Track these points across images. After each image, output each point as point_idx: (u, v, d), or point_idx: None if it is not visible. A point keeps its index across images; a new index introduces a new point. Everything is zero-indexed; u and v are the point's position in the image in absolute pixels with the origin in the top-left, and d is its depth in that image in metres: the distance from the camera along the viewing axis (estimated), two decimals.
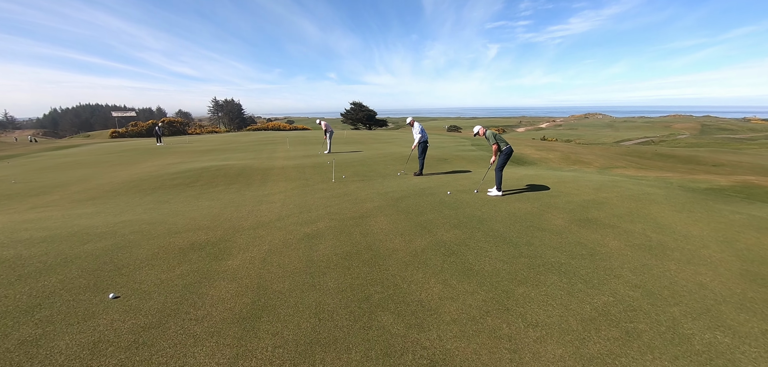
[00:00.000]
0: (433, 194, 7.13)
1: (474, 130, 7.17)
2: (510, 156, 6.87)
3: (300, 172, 10.45)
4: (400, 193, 7.30)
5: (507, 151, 6.81)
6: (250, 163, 12.62)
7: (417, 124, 9.68)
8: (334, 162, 11.89)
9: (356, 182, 8.82)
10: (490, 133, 6.92)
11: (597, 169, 12.67)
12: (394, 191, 7.48)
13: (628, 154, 25.10)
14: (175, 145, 23.18)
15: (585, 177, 9.03)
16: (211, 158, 15.17)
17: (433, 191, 7.33)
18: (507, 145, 6.84)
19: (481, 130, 7.10)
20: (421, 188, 7.80)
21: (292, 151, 16.35)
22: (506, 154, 6.81)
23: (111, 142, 32.30)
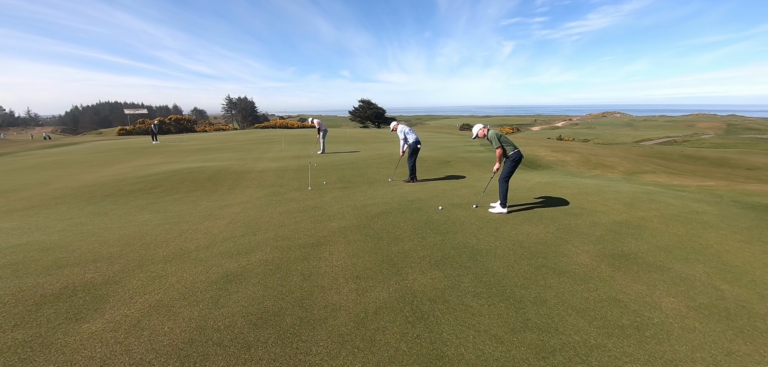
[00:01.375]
0: (421, 209, 5.74)
1: (473, 130, 5.74)
2: (518, 163, 5.43)
3: (278, 177, 9.19)
4: (380, 206, 5.94)
5: (515, 157, 5.38)
6: (231, 165, 11.44)
7: (401, 127, 8.33)
8: (311, 166, 10.59)
9: (335, 191, 7.49)
10: (494, 133, 5.49)
11: (622, 174, 11.01)
12: (375, 204, 6.12)
13: (653, 155, 23.06)
14: (170, 144, 22.35)
15: (611, 186, 7.46)
16: (196, 159, 14.11)
17: (422, 205, 5.94)
18: (515, 149, 5.41)
19: (482, 130, 5.67)
20: (408, 199, 6.42)
21: (284, 151, 15.16)
22: (513, 160, 5.37)
23: (111, 140, 31.92)
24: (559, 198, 6.35)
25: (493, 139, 5.44)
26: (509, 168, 5.39)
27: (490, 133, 5.51)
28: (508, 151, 5.39)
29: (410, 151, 8.14)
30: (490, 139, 5.49)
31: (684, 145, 61.90)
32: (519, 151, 5.41)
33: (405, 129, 8.19)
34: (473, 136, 5.76)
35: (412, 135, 8.13)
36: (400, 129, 8.25)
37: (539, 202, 6.12)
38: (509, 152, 5.39)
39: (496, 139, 5.41)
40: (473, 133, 5.70)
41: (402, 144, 8.26)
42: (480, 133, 5.64)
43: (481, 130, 5.64)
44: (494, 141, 5.42)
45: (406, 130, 8.15)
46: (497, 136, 5.43)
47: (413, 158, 8.22)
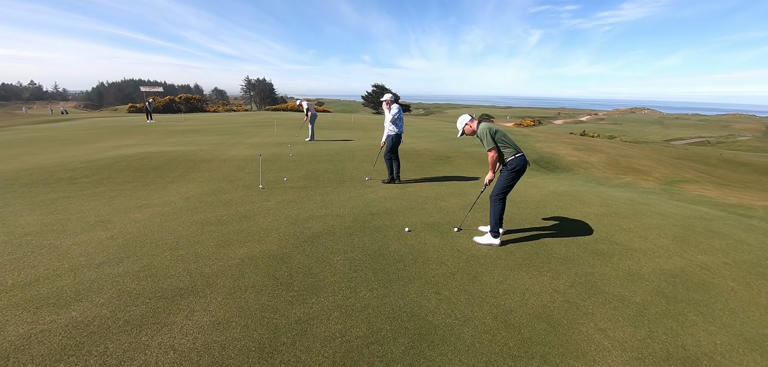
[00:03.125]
0: (381, 229, 4.15)
1: (458, 124, 4.03)
2: (520, 174, 3.73)
3: (237, 169, 7.74)
4: (327, 222, 4.38)
5: (515, 164, 3.68)
6: (201, 150, 10.10)
7: (395, 106, 6.55)
8: (258, 159, 9.09)
9: (290, 192, 5.97)
10: (485, 128, 3.77)
11: (659, 183, 9.02)
12: (322, 217, 4.57)
13: (688, 158, 20.47)
14: (162, 124, 21.36)
15: (650, 204, 5.62)
16: (171, 141, 12.89)
17: (385, 224, 4.34)
18: (517, 153, 3.70)
19: (469, 124, 3.96)
20: (372, 211, 4.83)
21: (272, 137, 13.74)
22: (513, 170, 3.68)
23: (115, 118, 31.46)
24: (579, 222, 4.61)
25: (485, 137, 3.72)
26: (506, 181, 3.70)
27: (481, 128, 3.79)
28: (506, 156, 3.69)
29: (389, 145, 6.49)
30: (481, 136, 3.77)
31: (718, 146, 57.20)
32: (522, 155, 3.70)
33: (396, 110, 6.45)
34: (459, 134, 4.04)
35: (399, 124, 6.44)
36: (395, 108, 6.47)
37: (550, 226, 4.41)
38: (507, 157, 3.69)
39: (488, 136, 3.70)
40: (458, 129, 4.01)
41: (386, 128, 6.54)
42: (466, 129, 3.92)
43: (467, 125, 3.92)
44: (486, 139, 3.71)
45: (395, 113, 6.43)
46: (490, 132, 3.71)
47: (391, 155, 6.57)
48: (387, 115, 6.51)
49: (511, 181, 3.69)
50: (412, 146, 11.03)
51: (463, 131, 3.95)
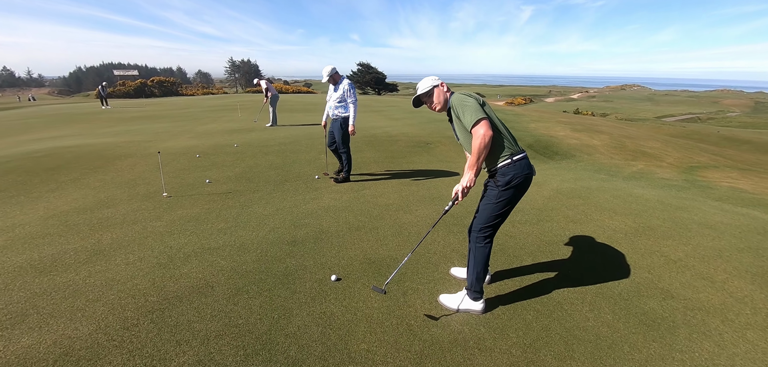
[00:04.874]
0: (293, 278, 2.58)
1: (419, 88, 2.23)
2: (523, 191, 2.06)
3: (155, 169, 6.07)
4: (214, 267, 2.78)
5: (515, 174, 1.99)
6: (130, 141, 8.32)
7: (345, 82, 4.83)
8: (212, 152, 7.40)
9: (206, 201, 4.35)
10: (459, 98, 2.06)
11: (677, 170, 7.61)
12: (217, 251, 2.98)
13: (686, 136, 19.24)
14: (117, 110, 19.19)
15: (688, 207, 4.15)
16: (112, 130, 11.04)
17: (302, 267, 2.76)
18: (518, 152, 2.03)
19: (437, 93, 2.18)
20: (297, 237, 3.25)
21: (229, 123, 11.94)
22: (511, 185, 1.99)
23: (74, 104, 28.92)
24: (604, 248, 3.11)
25: (464, 107, 2.01)
26: (500, 206, 2.04)
27: (454, 98, 2.11)
28: (499, 156, 2.02)
29: (339, 134, 4.88)
30: (457, 106, 2.06)
31: (709, 123, 56.69)
32: (526, 158, 2.05)
33: (346, 87, 4.79)
34: (415, 102, 2.31)
35: (342, 109, 4.82)
36: (346, 84, 4.80)
37: (562, 261, 2.90)
38: (501, 159, 2.01)
39: (468, 108, 1.99)
40: (418, 92, 2.23)
41: (328, 106, 5.00)
42: (435, 103, 2.19)
43: (436, 97, 2.18)
44: (467, 110, 1.99)
45: (347, 90, 4.78)
46: (471, 102, 2.01)
47: (343, 146, 4.97)
48: (331, 94, 4.87)
49: (507, 205, 2.04)
50: (386, 131, 9.40)
51: (421, 101, 2.24)
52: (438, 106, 2.18)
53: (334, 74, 4.77)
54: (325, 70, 4.75)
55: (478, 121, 1.90)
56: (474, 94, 2.05)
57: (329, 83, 4.82)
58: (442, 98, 2.16)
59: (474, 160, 1.91)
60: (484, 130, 1.87)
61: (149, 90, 45.30)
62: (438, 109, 2.18)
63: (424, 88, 2.18)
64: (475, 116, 1.92)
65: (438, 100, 2.17)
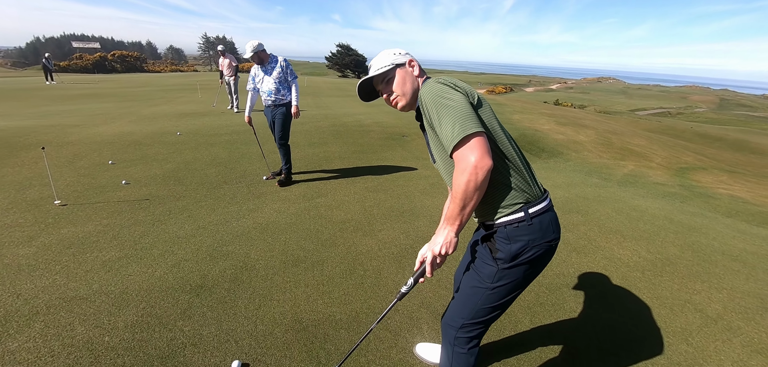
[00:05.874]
0: (180, 361, 1.67)
1: (372, 66, 1.30)
2: (542, 268, 1.20)
3: (68, 163, 4.92)
4: (55, 343, 1.83)
5: (532, 241, 1.11)
6: (54, 125, 6.99)
7: (281, 60, 3.87)
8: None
9: (109, 213, 3.32)
10: (435, 91, 1.09)
11: (668, 172, 7.11)
12: (83, 301, 2.01)
13: (662, 131, 19.32)
14: (62, 86, 17.15)
15: (700, 228, 3.51)
16: (45, 109, 9.55)
17: (200, 337, 1.85)
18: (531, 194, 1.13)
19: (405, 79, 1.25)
20: (208, 278, 2.31)
21: (184, 105, 10.61)
22: (523, 258, 1.12)
23: (19, 77, 26.04)
24: (616, 290, 2.38)
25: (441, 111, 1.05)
26: (501, 290, 1.15)
27: (426, 89, 1.12)
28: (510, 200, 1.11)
29: (281, 118, 3.93)
30: (429, 106, 1.10)
31: (679, 117, 58.81)
32: (549, 209, 1.17)
33: (284, 65, 3.81)
34: (368, 96, 1.36)
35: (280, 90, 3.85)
36: (281, 62, 3.82)
37: (564, 312, 2.14)
38: (508, 208, 1.11)
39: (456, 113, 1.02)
40: (370, 73, 1.29)
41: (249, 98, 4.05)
42: (396, 94, 1.26)
43: (398, 84, 1.24)
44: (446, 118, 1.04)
45: (284, 68, 3.80)
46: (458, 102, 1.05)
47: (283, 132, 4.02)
48: (258, 77, 3.87)
49: (513, 291, 1.18)
50: (358, 119, 8.45)
51: (373, 88, 1.34)
52: (401, 101, 1.25)
53: (262, 52, 3.75)
54: (250, 46, 3.67)
55: (466, 137, 0.99)
56: (461, 84, 1.12)
57: (253, 62, 3.78)
58: (410, 87, 1.24)
59: (456, 209, 1.02)
60: (477, 158, 0.97)
61: (110, 65, 41.84)
62: (401, 104, 1.26)
63: (380, 66, 1.26)
64: (460, 126, 1.00)
65: (401, 89, 1.24)
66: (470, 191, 0.99)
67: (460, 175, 0.99)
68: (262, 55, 3.74)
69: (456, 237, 1.07)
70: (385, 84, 1.27)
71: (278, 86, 3.77)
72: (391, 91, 1.26)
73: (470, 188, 0.98)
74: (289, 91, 3.86)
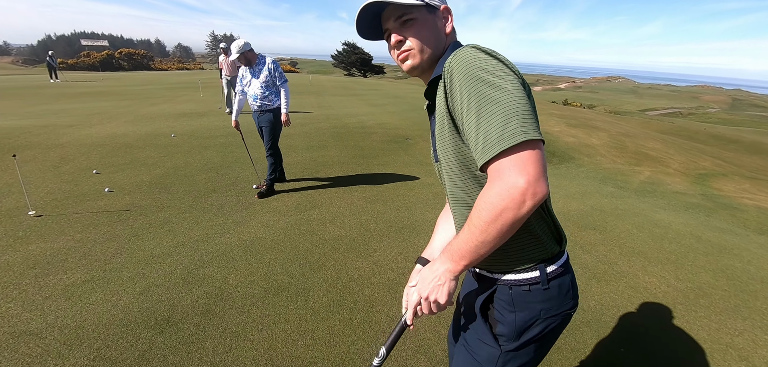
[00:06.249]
0: None
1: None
2: (553, 342, 0.89)
3: (53, 168, 4.72)
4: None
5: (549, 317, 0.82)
6: (48, 125, 6.82)
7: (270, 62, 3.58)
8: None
9: (84, 226, 3.07)
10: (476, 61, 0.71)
11: (686, 179, 6.71)
12: (33, 336, 1.74)
13: (675, 132, 18.75)
14: (67, 84, 17.13)
15: (732, 248, 3.17)
16: (44, 108, 9.41)
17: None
18: (551, 252, 0.82)
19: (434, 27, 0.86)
20: (178, 307, 2.03)
21: (183, 105, 10.41)
22: (534, 338, 0.82)
23: (27, 75, 26.21)
24: (646, 331, 2.05)
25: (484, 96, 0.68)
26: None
27: (462, 56, 0.73)
28: (526, 252, 0.81)
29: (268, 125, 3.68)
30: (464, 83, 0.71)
31: (690, 118, 57.60)
32: (567, 271, 0.85)
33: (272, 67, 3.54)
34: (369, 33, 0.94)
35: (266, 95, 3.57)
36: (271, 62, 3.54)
37: (587, 360, 1.83)
38: (523, 264, 0.81)
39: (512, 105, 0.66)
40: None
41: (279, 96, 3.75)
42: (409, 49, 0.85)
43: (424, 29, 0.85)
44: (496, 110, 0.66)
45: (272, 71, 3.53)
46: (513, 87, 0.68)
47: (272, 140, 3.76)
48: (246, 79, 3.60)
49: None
50: (361, 120, 8.16)
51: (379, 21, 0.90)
52: (415, 58, 0.86)
53: (249, 52, 3.46)
54: (236, 46, 3.38)
55: (522, 144, 0.64)
56: (508, 61, 0.74)
57: (238, 64, 3.51)
58: (433, 43, 0.86)
59: (470, 243, 0.71)
60: (531, 178, 0.64)
61: (117, 62, 42.08)
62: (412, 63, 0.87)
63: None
64: (518, 125, 0.65)
65: (422, 42, 0.85)
66: (504, 225, 0.66)
67: (496, 196, 0.66)
68: (250, 56, 3.47)
69: (455, 281, 0.76)
70: (401, 24, 0.85)
71: (265, 91, 3.49)
72: (405, 36, 0.85)
73: (506, 220, 0.65)
74: (277, 95, 3.58)
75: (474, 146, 0.70)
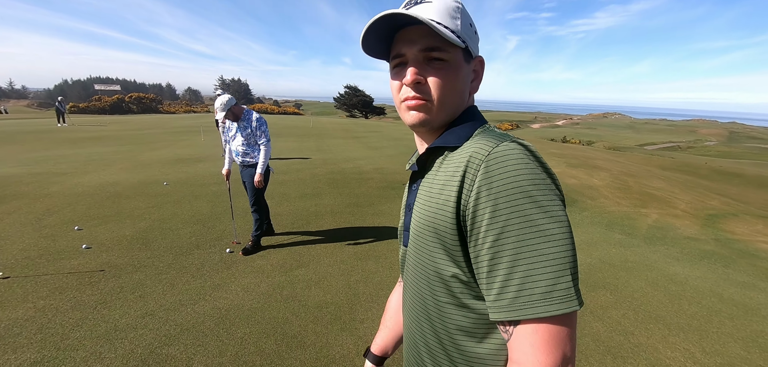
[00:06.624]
0: None
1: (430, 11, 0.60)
2: None
3: (36, 220, 4.54)
4: None
5: None
6: (41, 173, 6.74)
7: (254, 117, 3.44)
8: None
9: (50, 292, 2.82)
10: (541, 179, 0.53)
11: (696, 221, 6.43)
12: None
13: (677, 168, 18.59)
14: (72, 129, 17.42)
15: (758, 312, 2.88)
16: (42, 155, 9.38)
17: None
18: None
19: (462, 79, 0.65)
20: None
21: (183, 149, 10.43)
22: None
23: (33, 119, 26.86)
24: None
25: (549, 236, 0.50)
26: None
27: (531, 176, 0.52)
28: None
29: (251, 187, 3.53)
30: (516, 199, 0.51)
31: (689, 151, 57.83)
32: None
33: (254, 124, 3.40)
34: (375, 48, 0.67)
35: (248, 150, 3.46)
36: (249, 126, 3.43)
37: None
38: None
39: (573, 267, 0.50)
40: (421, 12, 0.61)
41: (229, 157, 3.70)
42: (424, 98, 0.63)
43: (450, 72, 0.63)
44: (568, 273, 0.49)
45: (255, 126, 3.39)
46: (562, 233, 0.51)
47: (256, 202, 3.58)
48: (231, 132, 3.49)
49: None
50: (358, 165, 8.06)
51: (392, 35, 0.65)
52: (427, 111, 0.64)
53: (235, 107, 3.37)
54: (220, 103, 3.27)
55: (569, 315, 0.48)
56: (555, 176, 0.55)
57: (225, 119, 3.39)
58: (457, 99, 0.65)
59: None
60: (570, 359, 0.48)
61: (127, 106, 43.35)
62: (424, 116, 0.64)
63: (439, 16, 0.60)
64: (570, 284, 0.48)
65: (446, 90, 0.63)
66: None
67: None
68: (236, 111, 3.37)
69: None
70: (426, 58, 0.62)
71: (246, 147, 3.38)
72: (425, 77, 0.62)
73: None
74: (259, 151, 3.45)
75: (493, 286, 0.51)
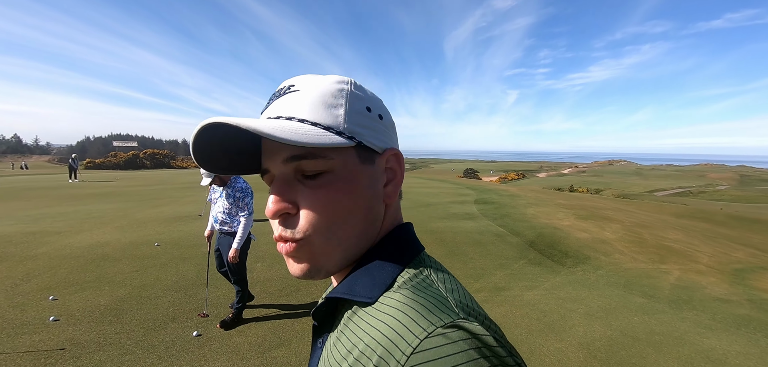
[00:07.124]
0: None
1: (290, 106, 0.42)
2: None
3: (13, 287, 4.29)
4: None
5: None
6: (35, 232, 6.60)
7: (242, 184, 3.24)
8: None
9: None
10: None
11: (723, 278, 5.91)
12: None
13: (692, 216, 17.89)
14: (83, 184, 17.70)
15: None
16: (44, 211, 9.34)
17: None
18: None
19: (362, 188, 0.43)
20: None
21: (186, 206, 10.36)
22: None
23: (47, 174, 27.58)
24: None
25: None
26: None
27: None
28: None
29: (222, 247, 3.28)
30: None
31: (701, 196, 56.58)
32: None
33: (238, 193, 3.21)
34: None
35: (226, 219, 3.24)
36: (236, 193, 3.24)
37: None
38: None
39: None
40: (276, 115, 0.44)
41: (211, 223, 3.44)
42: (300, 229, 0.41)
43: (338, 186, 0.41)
44: None
45: (241, 195, 3.19)
46: None
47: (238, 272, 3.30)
48: (216, 195, 3.30)
49: None
50: None
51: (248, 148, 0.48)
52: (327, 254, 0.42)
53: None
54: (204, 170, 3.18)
55: None
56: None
57: (212, 184, 3.22)
58: (374, 217, 0.44)
59: None
60: None
61: (141, 162, 44.65)
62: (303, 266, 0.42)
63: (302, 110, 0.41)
64: None
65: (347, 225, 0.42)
66: None
67: None
68: (223, 176, 3.23)
69: None
70: (293, 171, 0.42)
71: (225, 215, 3.16)
72: (296, 204, 0.41)
73: None
74: (238, 224, 3.22)
75: None
